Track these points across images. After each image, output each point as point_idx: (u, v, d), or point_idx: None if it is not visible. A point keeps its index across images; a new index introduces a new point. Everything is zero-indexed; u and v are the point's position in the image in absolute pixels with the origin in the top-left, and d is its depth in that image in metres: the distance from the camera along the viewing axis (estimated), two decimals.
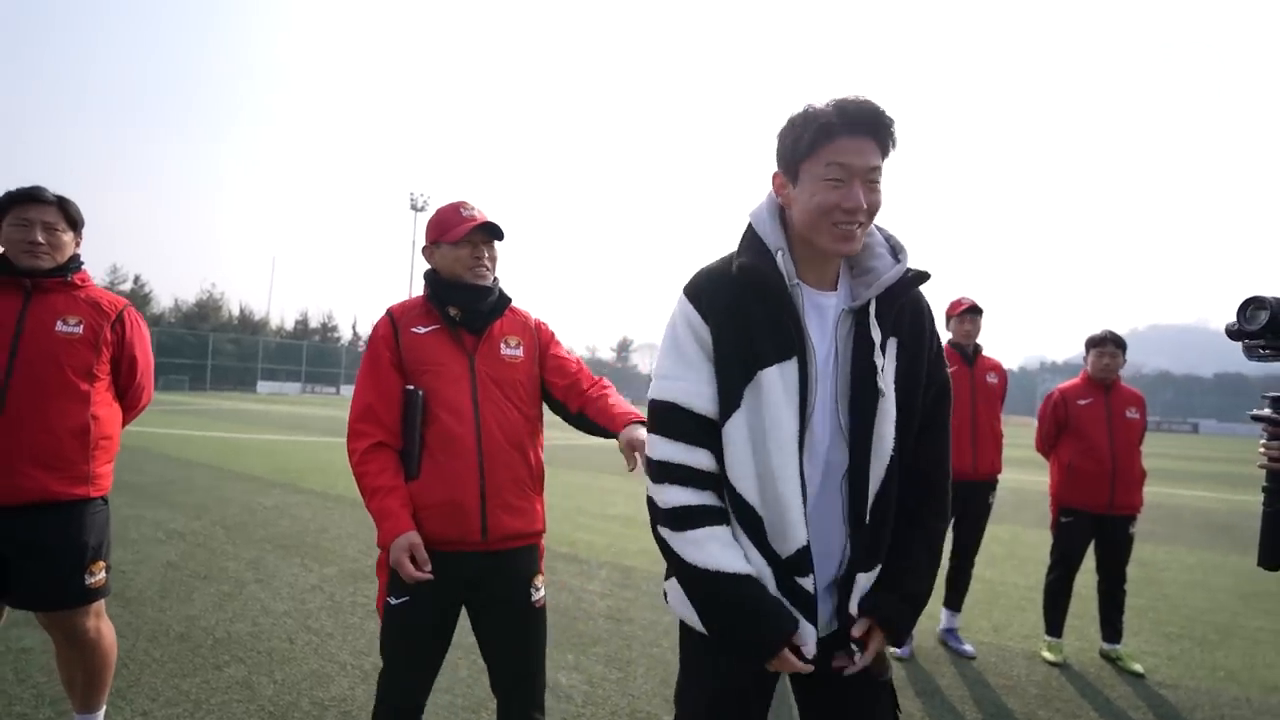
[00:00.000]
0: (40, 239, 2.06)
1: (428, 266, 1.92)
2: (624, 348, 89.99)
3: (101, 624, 2.18)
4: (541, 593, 1.89)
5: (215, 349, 45.42)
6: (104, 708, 2.27)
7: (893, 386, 1.27)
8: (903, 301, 1.30)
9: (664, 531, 1.26)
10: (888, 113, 1.21)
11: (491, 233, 1.88)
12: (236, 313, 54.48)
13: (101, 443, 2.13)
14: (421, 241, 1.97)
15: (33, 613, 2.13)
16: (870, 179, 1.21)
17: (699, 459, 1.25)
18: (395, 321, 1.84)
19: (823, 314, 1.28)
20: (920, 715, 2.93)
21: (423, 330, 1.83)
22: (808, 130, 1.21)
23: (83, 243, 2.23)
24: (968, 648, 3.64)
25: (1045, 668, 3.52)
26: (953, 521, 3.75)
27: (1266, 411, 1.40)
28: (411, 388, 1.79)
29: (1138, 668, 3.49)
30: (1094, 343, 3.66)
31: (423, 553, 1.69)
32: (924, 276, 1.31)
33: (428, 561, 1.69)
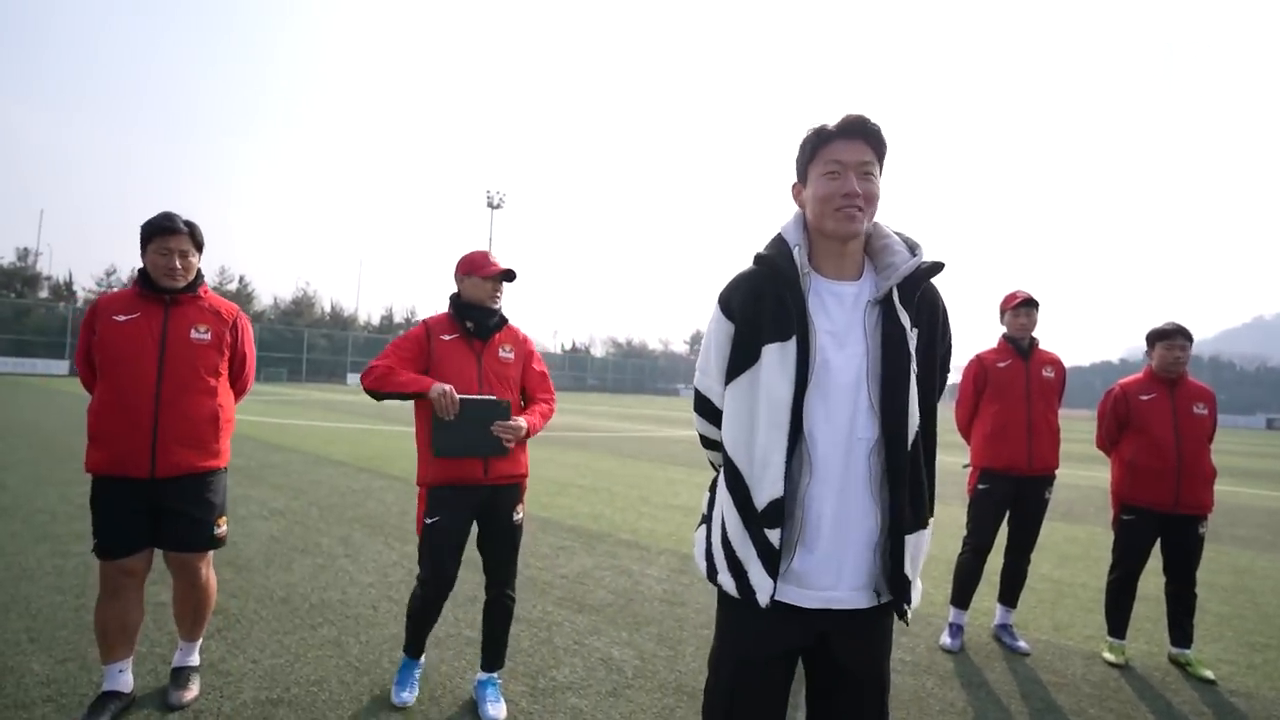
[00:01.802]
0: (178, 265, 2.53)
1: (454, 290, 2.73)
2: (697, 340, 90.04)
3: (210, 571, 2.73)
4: (520, 516, 2.72)
5: (310, 343, 48.56)
6: (201, 640, 2.81)
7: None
8: (920, 292, 1.45)
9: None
10: (873, 120, 1.42)
11: (508, 278, 2.70)
12: (328, 309, 57.95)
13: (226, 425, 2.66)
14: (500, 237, 2.49)
15: (165, 563, 2.65)
16: (863, 171, 1.42)
17: (714, 432, 1.59)
18: (429, 330, 2.65)
19: (840, 300, 1.44)
20: (963, 705, 2.97)
21: (447, 338, 2.64)
22: (811, 141, 1.46)
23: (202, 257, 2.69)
24: (1022, 644, 3.61)
25: (1104, 668, 3.45)
26: (1006, 516, 3.72)
27: None
28: (495, 397, 2.59)
29: (1208, 674, 3.37)
30: (1161, 335, 3.54)
31: (454, 395, 2.47)
32: (938, 266, 1.46)
33: (456, 401, 2.46)
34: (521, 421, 2.60)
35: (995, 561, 3.77)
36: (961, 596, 3.69)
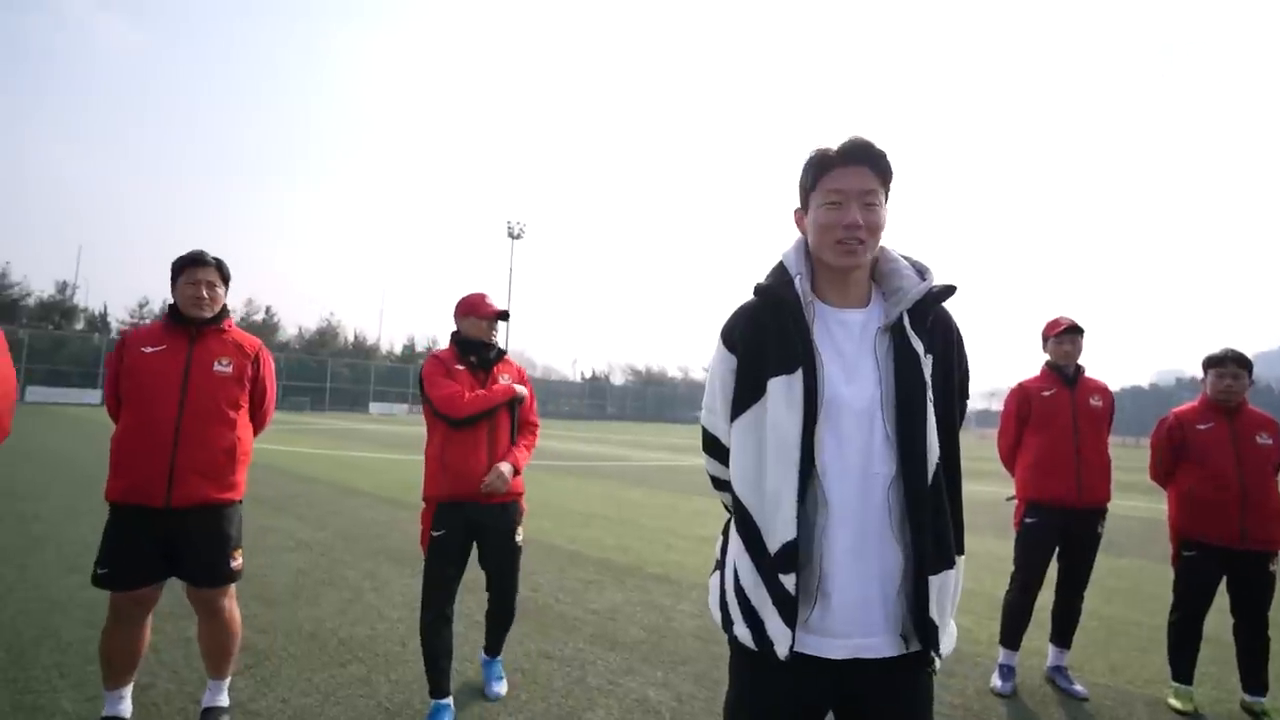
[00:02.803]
0: (204, 295, 2.60)
1: (454, 328, 3.09)
2: None
3: (233, 605, 2.68)
4: (520, 536, 3.02)
5: (333, 373, 49.17)
6: (229, 677, 2.74)
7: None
8: (932, 317, 1.38)
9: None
10: (877, 145, 1.36)
11: (503, 317, 3.05)
12: (351, 339, 58.74)
13: (243, 458, 2.66)
14: (520, 267, 2.61)
15: (186, 598, 2.62)
16: (866, 200, 1.36)
17: (723, 472, 1.50)
18: (444, 362, 2.99)
19: (848, 329, 1.37)
20: None
21: (459, 368, 2.97)
22: (812, 167, 1.40)
23: (229, 292, 2.74)
24: (1079, 688, 3.42)
25: (1171, 716, 3.25)
26: (1056, 552, 3.56)
27: None
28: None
29: None
30: (1213, 362, 3.39)
31: None
32: (950, 289, 1.39)
33: None
34: (505, 470, 2.91)
35: (1044, 598, 3.60)
36: (1011, 637, 3.52)
